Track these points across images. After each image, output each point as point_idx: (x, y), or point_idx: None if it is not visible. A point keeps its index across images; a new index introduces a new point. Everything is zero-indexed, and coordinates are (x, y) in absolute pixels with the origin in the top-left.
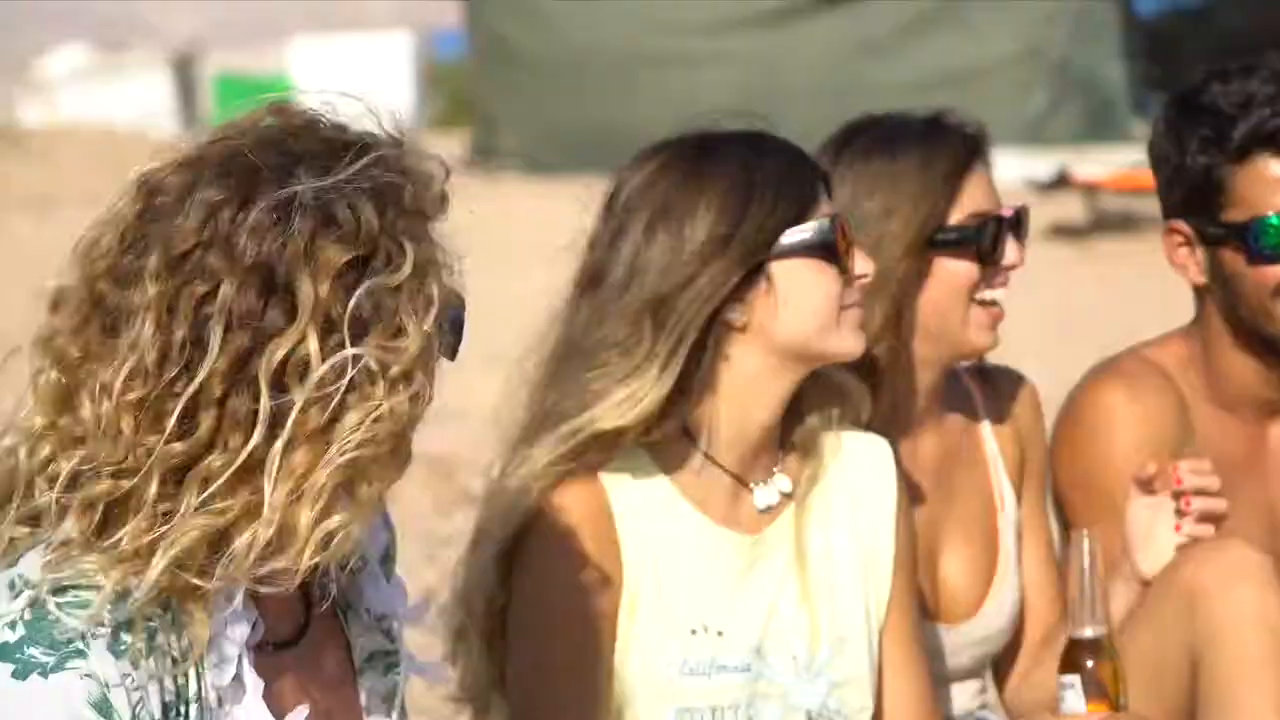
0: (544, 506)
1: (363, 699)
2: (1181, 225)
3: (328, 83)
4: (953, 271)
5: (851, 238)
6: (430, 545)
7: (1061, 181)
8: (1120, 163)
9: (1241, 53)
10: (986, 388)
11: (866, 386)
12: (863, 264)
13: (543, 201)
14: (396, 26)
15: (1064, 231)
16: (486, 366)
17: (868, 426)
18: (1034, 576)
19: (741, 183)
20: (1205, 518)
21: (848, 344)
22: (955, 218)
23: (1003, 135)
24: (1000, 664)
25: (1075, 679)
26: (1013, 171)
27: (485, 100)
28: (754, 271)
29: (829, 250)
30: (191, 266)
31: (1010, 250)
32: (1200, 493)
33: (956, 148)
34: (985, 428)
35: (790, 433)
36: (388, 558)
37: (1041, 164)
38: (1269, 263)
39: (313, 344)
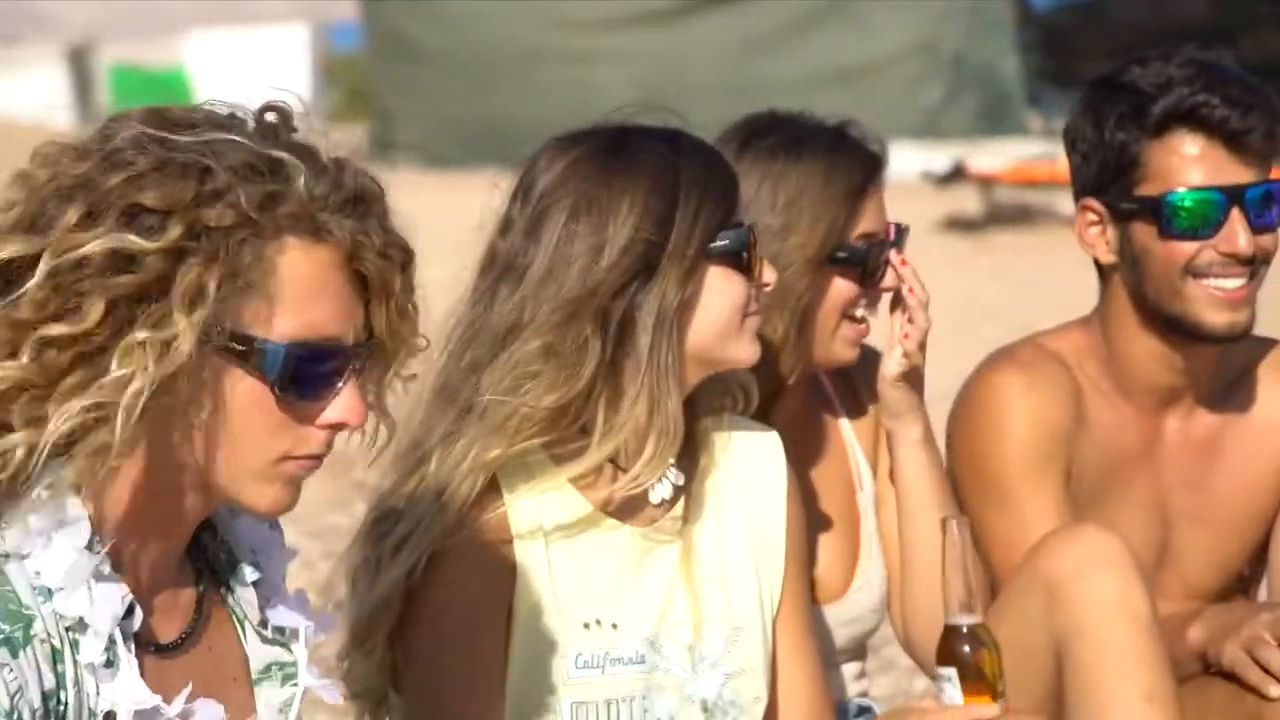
0: (460, 513)
1: (259, 707)
2: (1094, 203)
3: (224, 75)
4: (837, 288)
5: (757, 244)
6: (327, 540)
7: (957, 174)
8: (1015, 156)
9: (1136, 46)
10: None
11: (753, 376)
12: (769, 273)
13: (441, 195)
14: (293, 20)
15: (959, 224)
16: None
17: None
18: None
19: (667, 184)
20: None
21: (745, 352)
22: (849, 236)
23: (898, 129)
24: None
25: (952, 671)
26: (908, 165)
27: (382, 94)
28: (675, 275)
29: (741, 258)
30: None
31: (889, 274)
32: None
33: (860, 165)
34: (836, 404)
35: (684, 427)
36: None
37: (937, 157)
38: (1179, 238)
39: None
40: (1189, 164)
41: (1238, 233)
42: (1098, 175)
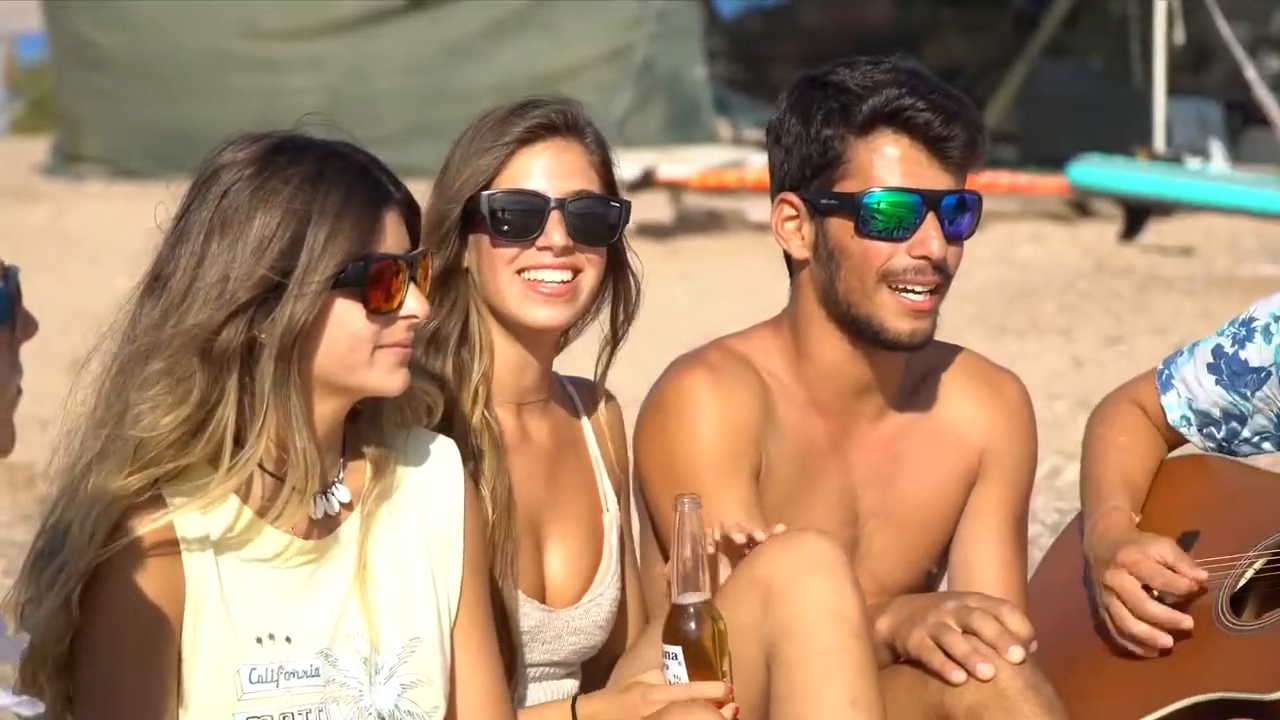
0: (112, 533)
1: None
2: (792, 197)
3: None
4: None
5: (402, 275)
6: (9, 555)
7: (647, 181)
8: (705, 162)
9: (823, 52)
10: (583, 393)
11: (437, 385)
12: (414, 303)
13: (128, 206)
14: None
15: (649, 230)
16: (71, 373)
17: (486, 405)
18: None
19: (299, 211)
20: None
21: (383, 382)
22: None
23: None
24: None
25: (678, 649)
26: None
27: (68, 104)
28: (296, 305)
29: (361, 290)
30: None
31: None
32: None
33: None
34: (586, 427)
35: (357, 438)
36: None
37: (627, 164)
38: (874, 238)
39: None
40: (890, 165)
41: (931, 237)
42: (799, 169)
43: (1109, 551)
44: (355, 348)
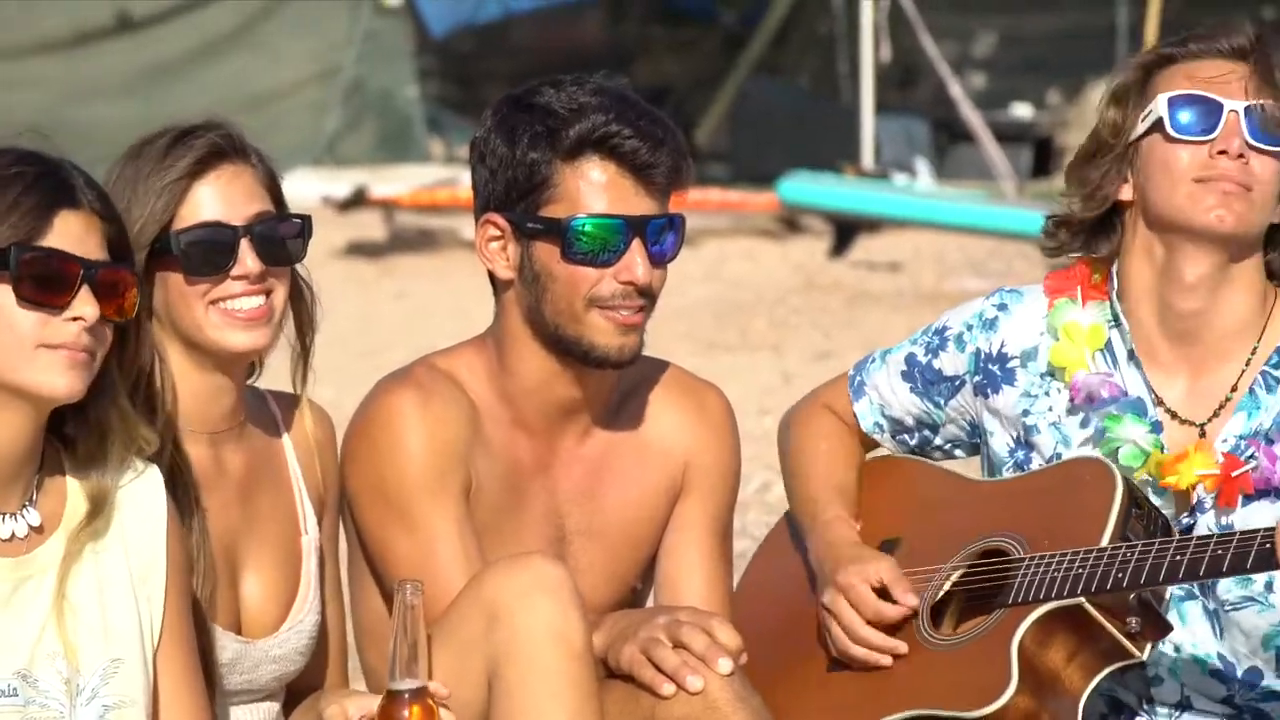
0: None
1: None
2: (497, 218)
3: None
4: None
5: (73, 276)
6: None
7: (359, 200)
8: (418, 181)
9: (536, 71)
10: (285, 410)
11: (144, 417)
12: (83, 307)
13: None
14: None
15: (362, 249)
16: None
17: (175, 441)
18: (328, 600)
19: None
20: None
21: (47, 382)
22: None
23: (300, 156)
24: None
25: None
26: (311, 191)
27: None
28: None
29: (14, 278)
30: None
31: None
32: None
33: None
34: (288, 448)
35: (74, 465)
36: None
37: (339, 183)
38: (580, 263)
39: None
40: (596, 190)
41: (637, 263)
42: (505, 191)
43: (832, 567)
44: (13, 343)
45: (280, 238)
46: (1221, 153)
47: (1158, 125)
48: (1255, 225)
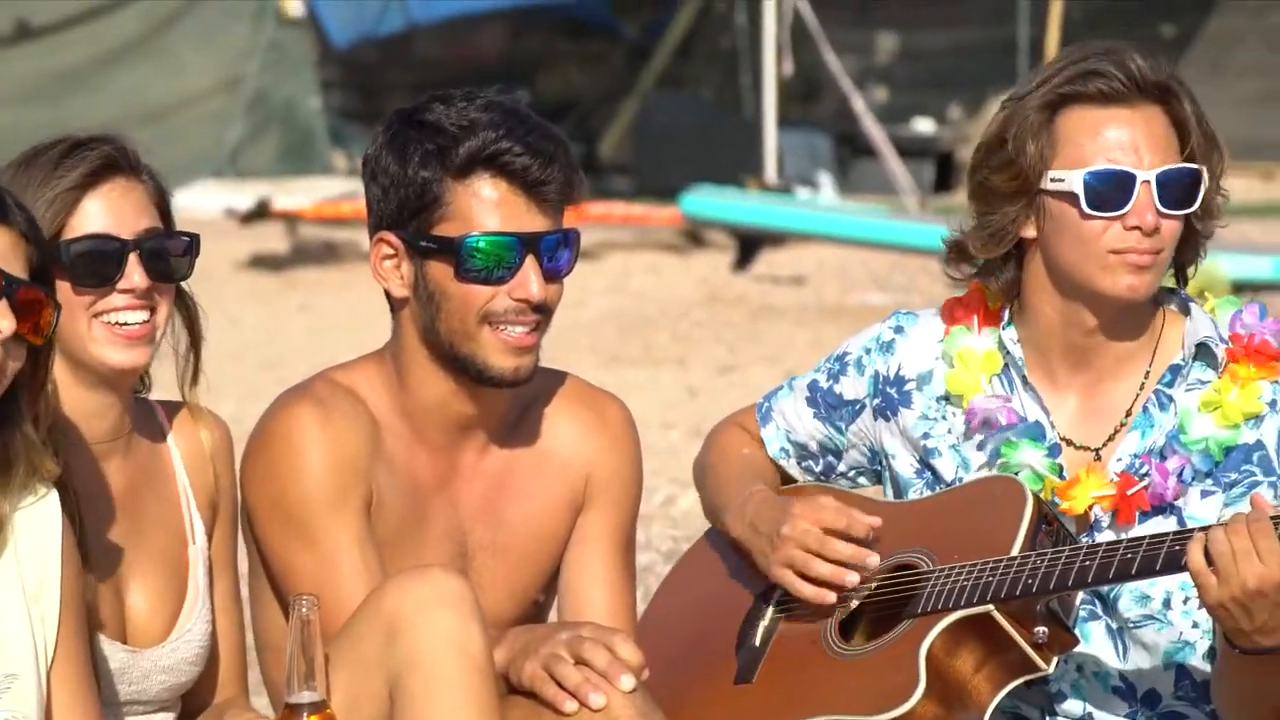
0: None
1: None
2: (391, 236)
3: None
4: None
5: None
6: None
7: (261, 212)
8: (320, 193)
9: (439, 83)
10: (175, 421)
11: (43, 442)
12: (0, 319)
13: None
14: None
15: (265, 262)
16: None
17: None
18: (223, 611)
19: None
20: None
21: None
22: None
23: (202, 167)
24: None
25: None
26: (212, 203)
27: None
28: None
29: None
30: None
31: None
32: None
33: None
34: (176, 458)
35: None
36: None
37: (241, 195)
38: (474, 282)
39: None
40: (488, 208)
41: (531, 280)
42: (397, 210)
43: (774, 513)
44: None
45: (168, 254)
46: (1135, 228)
47: (1071, 198)
48: (1161, 279)
